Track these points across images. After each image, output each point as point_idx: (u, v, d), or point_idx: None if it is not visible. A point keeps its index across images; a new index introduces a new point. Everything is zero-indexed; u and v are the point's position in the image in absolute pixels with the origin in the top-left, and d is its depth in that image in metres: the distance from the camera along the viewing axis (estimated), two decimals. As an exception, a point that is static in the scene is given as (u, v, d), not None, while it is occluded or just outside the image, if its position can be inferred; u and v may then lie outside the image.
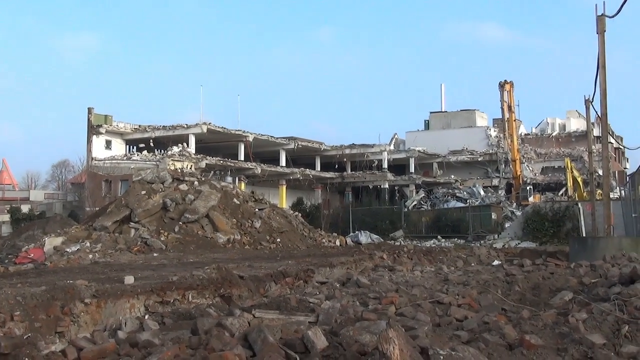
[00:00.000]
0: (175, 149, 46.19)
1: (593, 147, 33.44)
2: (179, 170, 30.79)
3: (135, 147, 52.36)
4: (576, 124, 73.77)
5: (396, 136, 75.33)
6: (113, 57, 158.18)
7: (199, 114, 79.79)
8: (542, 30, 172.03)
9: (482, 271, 13.47)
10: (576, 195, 47.68)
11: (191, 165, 42.39)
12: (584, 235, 28.32)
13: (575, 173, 51.47)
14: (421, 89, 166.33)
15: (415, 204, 52.94)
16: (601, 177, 30.08)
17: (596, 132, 44.96)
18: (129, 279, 11.40)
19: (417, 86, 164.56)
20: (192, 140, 48.27)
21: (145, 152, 49.13)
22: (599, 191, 34.59)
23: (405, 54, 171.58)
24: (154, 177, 27.11)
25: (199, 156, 46.63)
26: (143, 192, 25.66)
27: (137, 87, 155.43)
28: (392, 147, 67.75)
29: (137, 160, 46.39)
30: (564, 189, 55.69)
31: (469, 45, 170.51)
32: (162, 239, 22.86)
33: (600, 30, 17.72)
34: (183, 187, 26.60)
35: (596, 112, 24.63)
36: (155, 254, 20.49)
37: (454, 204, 50.40)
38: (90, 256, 19.31)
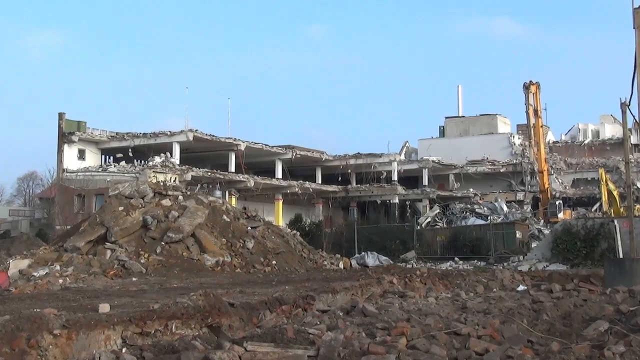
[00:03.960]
0: (157, 160, 46.33)
1: (631, 156, 33.48)
2: (162, 184, 30.79)
3: (111, 158, 52.49)
4: (611, 131, 73.93)
5: (407, 144, 75.54)
6: (86, 57, 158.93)
7: (184, 119, 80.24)
8: (570, 25, 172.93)
9: (505, 298, 13.45)
10: (612, 210, 47.62)
11: (175, 178, 42.47)
12: (621, 256, 28.24)
13: (611, 186, 51.42)
14: (435, 92, 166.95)
15: (429, 221, 53.03)
16: (640, 191, 30.10)
17: (634, 139, 45.13)
18: (104, 307, 11.40)
19: (430, 88, 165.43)
20: (176, 149, 48.40)
21: (123, 163, 49.25)
22: (637, 206, 34.65)
23: (414, 53, 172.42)
24: (133, 191, 27.15)
25: (184, 167, 46.75)
26: (120, 208, 25.68)
27: (113, 90, 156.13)
28: (402, 157, 67.92)
29: (114, 172, 46.51)
30: (598, 204, 55.70)
31: (486, 42, 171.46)
32: (142, 261, 22.88)
33: (638, 25, 17.81)
34: (166, 202, 26.65)
35: (634, 116, 24.67)
36: (134, 279, 20.50)
37: (473, 221, 50.47)
38: (61, 281, 19.30)
